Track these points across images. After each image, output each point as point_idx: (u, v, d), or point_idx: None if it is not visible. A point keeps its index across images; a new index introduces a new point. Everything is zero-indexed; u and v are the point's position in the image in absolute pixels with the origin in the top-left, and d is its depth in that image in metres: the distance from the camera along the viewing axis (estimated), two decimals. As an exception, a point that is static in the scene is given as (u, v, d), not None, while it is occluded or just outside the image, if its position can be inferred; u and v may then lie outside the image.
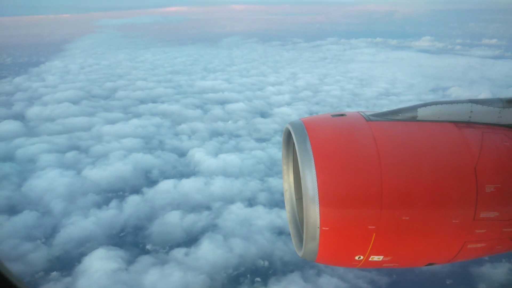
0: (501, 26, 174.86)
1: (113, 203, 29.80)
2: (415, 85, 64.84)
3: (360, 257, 2.34)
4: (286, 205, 2.99)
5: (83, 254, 24.28)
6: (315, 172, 2.20)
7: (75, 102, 56.76)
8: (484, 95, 55.80)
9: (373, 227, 2.21)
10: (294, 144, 2.46)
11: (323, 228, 2.22)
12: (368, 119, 2.44)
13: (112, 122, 48.07)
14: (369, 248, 2.28)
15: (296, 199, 2.95)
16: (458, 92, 58.96)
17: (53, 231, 26.93)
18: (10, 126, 46.09)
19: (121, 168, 34.82)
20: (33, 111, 52.49)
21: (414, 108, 2.46)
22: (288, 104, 56.11)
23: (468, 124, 2.46)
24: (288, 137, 2.78)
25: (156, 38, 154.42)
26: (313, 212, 2.20)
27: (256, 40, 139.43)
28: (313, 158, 2.24)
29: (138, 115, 50.85)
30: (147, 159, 36.92)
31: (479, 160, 2.27)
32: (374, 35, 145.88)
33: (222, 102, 57.75)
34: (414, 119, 2.45)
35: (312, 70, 79.99)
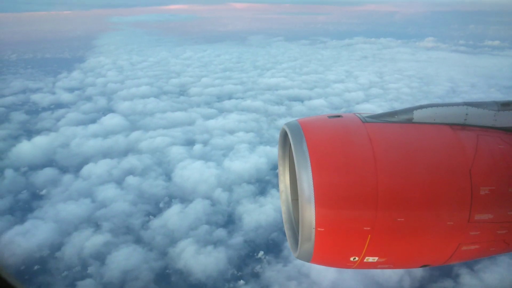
0: (501, 28, 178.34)
1: (273, 192, 31.20)
2: (476, 84, 67.17)
3: (355, 258, 2.35)
4: (281, 206, 2.98)
5: (280, 240, 25.77)
6: (311, 173, 2.21)
7: (156, 97, 57.87)
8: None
9: (368, 228, 2.22)
10: (290, 144, 2.49)
11: (319, 229, 2.21)
12: (364, 120, 2.47)
13: (208, 117, 49.26)
14: (364, 249, 2.29)
15: (292, 200, 2.97)
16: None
17: (234, 218, 28.31)
18: (115, 120, 47.02)
19: (258, 160, 36.18)
20: (125, 106, 53.38)
21: (410, 110, 2.48)
22: (365, 100, 57.95)
23: (463, 126, 2.47)
24: (284, 137, 2.78)
25: (180, 36, 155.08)
26: (309, 213, 2.20)
27: (282, 39, 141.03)
28: (309, 159, 2.24)
29: (228, 111, 52.12)
30: (276, 152, 38.20)
31: (474, 162, 2.29)
32: (378, 35, 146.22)
33: (297, 99, 59.25)
34: (409, 121, 2.47)
35: (364, 68, 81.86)
